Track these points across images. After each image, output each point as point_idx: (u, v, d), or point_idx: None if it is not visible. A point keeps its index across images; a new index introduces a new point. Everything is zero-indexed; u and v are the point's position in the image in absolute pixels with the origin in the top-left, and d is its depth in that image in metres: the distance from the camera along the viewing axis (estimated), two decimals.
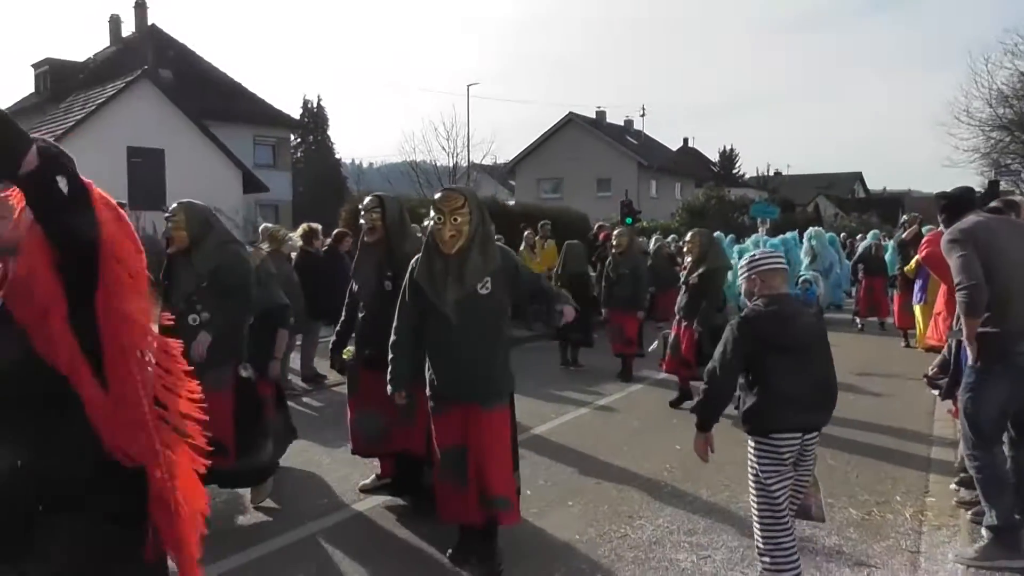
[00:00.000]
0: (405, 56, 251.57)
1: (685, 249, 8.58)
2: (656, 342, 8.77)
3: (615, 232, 11.31)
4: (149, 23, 35.13)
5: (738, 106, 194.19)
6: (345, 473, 6.20)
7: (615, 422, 7.83)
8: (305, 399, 9.14)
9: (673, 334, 8.28)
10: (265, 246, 8.78)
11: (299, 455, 6.78)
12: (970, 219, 4.52)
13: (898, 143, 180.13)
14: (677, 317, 8.29)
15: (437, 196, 4.30)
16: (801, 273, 16.63)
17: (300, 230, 10.12)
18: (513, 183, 51.00)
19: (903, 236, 12.85)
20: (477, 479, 4.08)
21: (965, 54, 63.17)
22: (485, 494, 4.08)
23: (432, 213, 4.17)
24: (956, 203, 4.77)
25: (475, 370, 4.11)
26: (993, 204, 4.96)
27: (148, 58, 28.72)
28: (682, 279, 8.34)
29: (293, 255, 9.34)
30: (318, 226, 10.32)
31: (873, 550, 4.67)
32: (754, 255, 3.93)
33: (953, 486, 5.54)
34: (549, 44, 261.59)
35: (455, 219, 4.08)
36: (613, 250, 10.50)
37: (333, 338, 5.90)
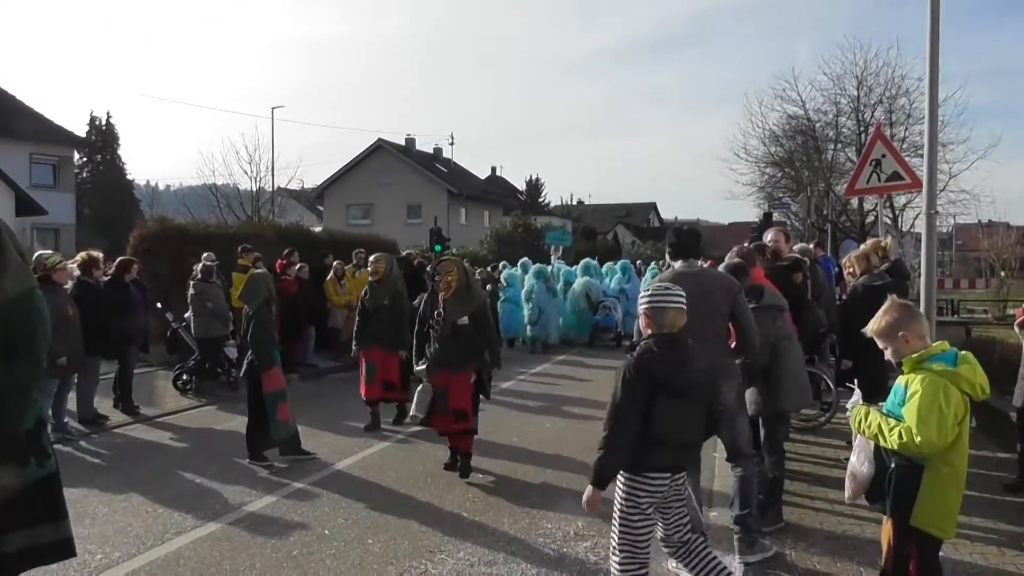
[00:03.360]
0: (206, 75, 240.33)
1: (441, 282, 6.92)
2: (416, 397, 6.91)
3: (371, 257, 9.12)
4: None
5: (543, 137, 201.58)
6: (125, 524, 5.71)
7: (419, 454, 7.74)
8: (83, 443, 8.34)
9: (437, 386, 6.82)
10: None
11: (74, 505, 6.16)
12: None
13: (688, 176, 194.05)
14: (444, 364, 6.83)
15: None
16: (602, 299, 17.44)
17: (78, 258, 9.31)
18: (321, 208, 49.95)
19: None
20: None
21: (742, 96, 68.93)
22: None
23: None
24: (677, 245, 5.09)
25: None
26: (749, 246, 5.66)
27: None
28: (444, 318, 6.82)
29: (69, 285, 8.54)
30: (99, 254, 9.53)
31: (662, 567, 4.88)
32: (647, 289, 3.76)
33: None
34: (357, 70, 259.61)
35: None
36: (370, 278, 8.82)
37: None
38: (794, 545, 5.09)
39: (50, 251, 8.67)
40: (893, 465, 3.39)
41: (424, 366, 6.95)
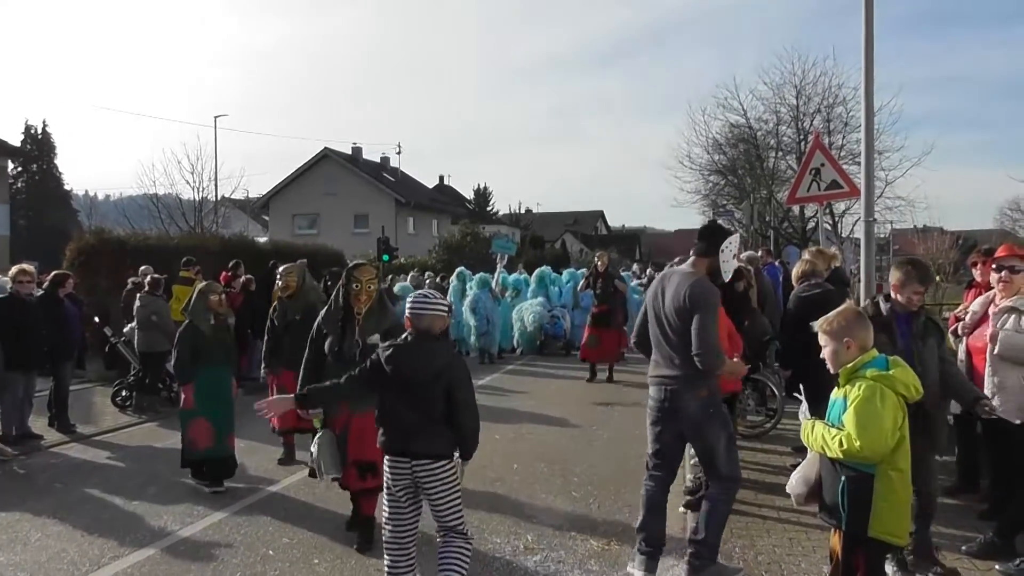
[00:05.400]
0: (147, 83, 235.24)
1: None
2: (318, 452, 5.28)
3: (281, 268, 7.85)
4: None
5: (491, 145, 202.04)
6: (59, 549, 5.50)
7: None
8: (14, 464, 8.02)
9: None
10: None
11: (6, 530, 5.94)
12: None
13: (634, 184, 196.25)
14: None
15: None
16: (550, 308, 17.44)
17: (12, 271, 9.00)
18: (267, 218, 49.20)
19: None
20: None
21: (686, 105, 70.18)
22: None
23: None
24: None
25: None
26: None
27: None
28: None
29: None
30: (31, 267, 9.22)
31: None
32: (411, 298, 4.19)
33: (681, 509, 5.97)
34: (302, 78, 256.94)
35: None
36: (280, 293, 7.70)
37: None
38: (742, 555, 5.13)
39: None
40: (843, 478, 3.41)
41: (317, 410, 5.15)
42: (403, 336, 4.10)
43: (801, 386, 6.56)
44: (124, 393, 10.75)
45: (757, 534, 5.50)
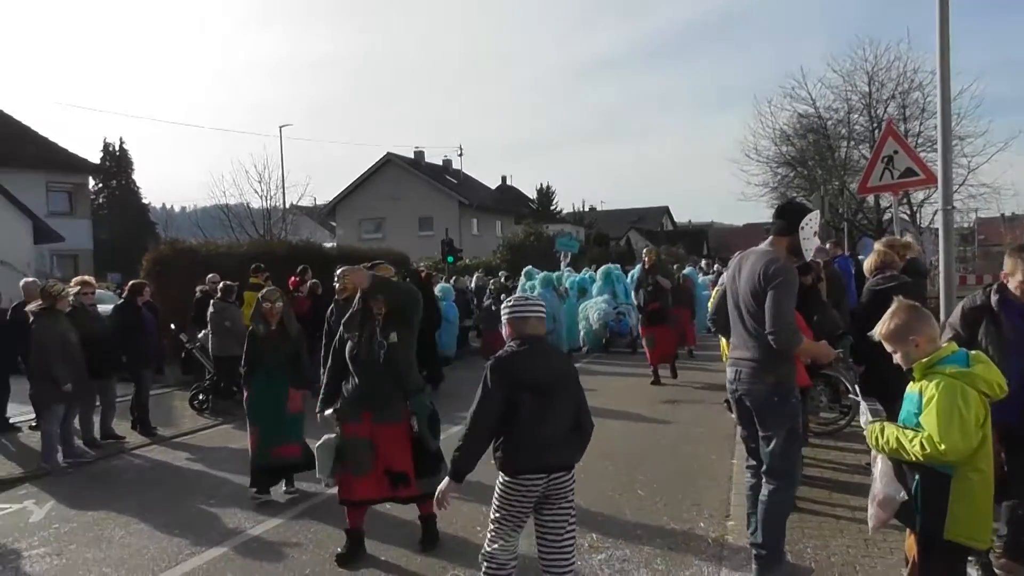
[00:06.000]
0: (212, 98, 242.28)
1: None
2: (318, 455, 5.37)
3: (339, 271, 5.83)
4: None
5: (552, 144, 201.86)
6: (140, 546, 5.71)
7: None
8: (100, 465, 8.36)
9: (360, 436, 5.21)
10: (34, 304, 8.10)
11: (92, 528, 6.19)
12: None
13: (699, 179, 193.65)
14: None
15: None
16: (615, 305, 17.33)
17: (73, 282, 9.38)
18: (334, 224, 50.13)
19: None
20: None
21: (751, 97, 68.71)
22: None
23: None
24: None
25: None
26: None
27: None
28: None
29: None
30: (91, 279, 9.73)
31: None
32: (509, 301, 3.93)
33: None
34: (363, 85, 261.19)
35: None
36: (337, 295, 7.73)
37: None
38: (814, 556, 4.99)
39: (53, 280, 8.75)
40: (917, 479, 3.25)
41: (330, 410, 5.29)
42: (508, 346, 3.79)
43: (870, 383, 6.34)
44: (201, 397, 11.09)
45: (830, 534, 5.34)
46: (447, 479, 3.81)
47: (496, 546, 3.77)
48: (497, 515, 3.78)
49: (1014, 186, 40.29)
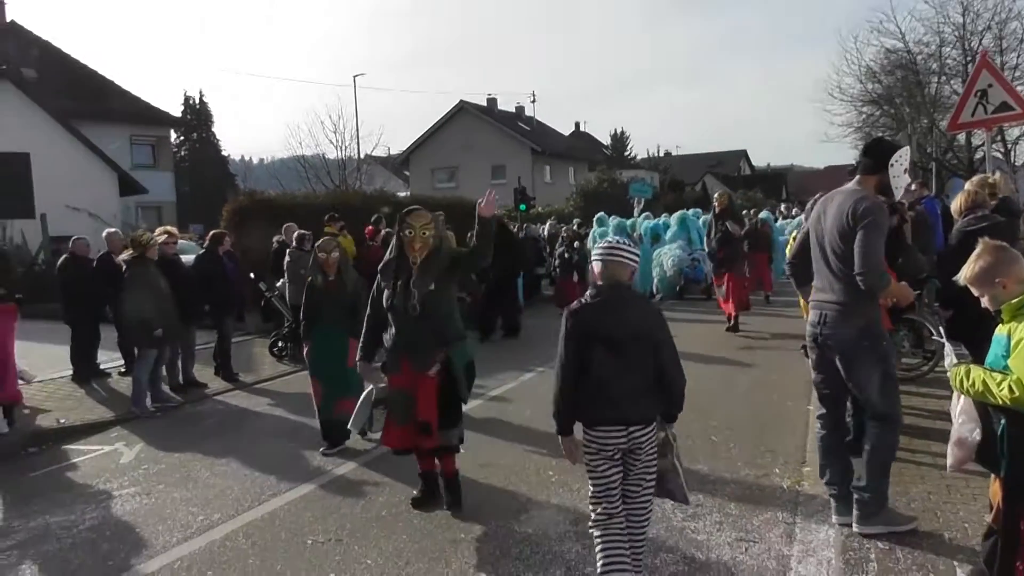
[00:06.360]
0: (289, 49, 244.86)
1: None
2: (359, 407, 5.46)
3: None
4: (8, 19, 32.87)
5: (626, 89, 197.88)
6: (225, 487, 5.95)
7: (508, 413, 7.77)
8: (187, 409, 8.73)
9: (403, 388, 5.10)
10: (126, 253, 8.39)
11: (179, 469, 6.49)
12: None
13: (778, 121, 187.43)
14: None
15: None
16: (690, 252, 17.05)
17: (157, 231, 9.68)
18: (407, 173, 50.52)
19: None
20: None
21: (835, 33, 65.85)
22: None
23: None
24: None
25: None
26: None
27: (8, 56, 26.95)
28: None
29: None
30: (173, 229, 10.00)
31: (752, 524, 4.77)
32: (600, 244, 3.80)
33: None
34: (436, 33, 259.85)
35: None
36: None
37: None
38: (894, 501, 4.86)
39: (141, 230, 9.04)
40: (1004, 423, 3.12)
41: (378, 364, 5.32)
42: (589, 291, 3.71)
43: (957, 328, 6.08)
44: (280, 344, 11.42)
45: (911, 481, 5.20)
46: (560, 436, 3.74)
47: (599, 510, 3.67)
48: (589, 475, 3.73)
49: None
